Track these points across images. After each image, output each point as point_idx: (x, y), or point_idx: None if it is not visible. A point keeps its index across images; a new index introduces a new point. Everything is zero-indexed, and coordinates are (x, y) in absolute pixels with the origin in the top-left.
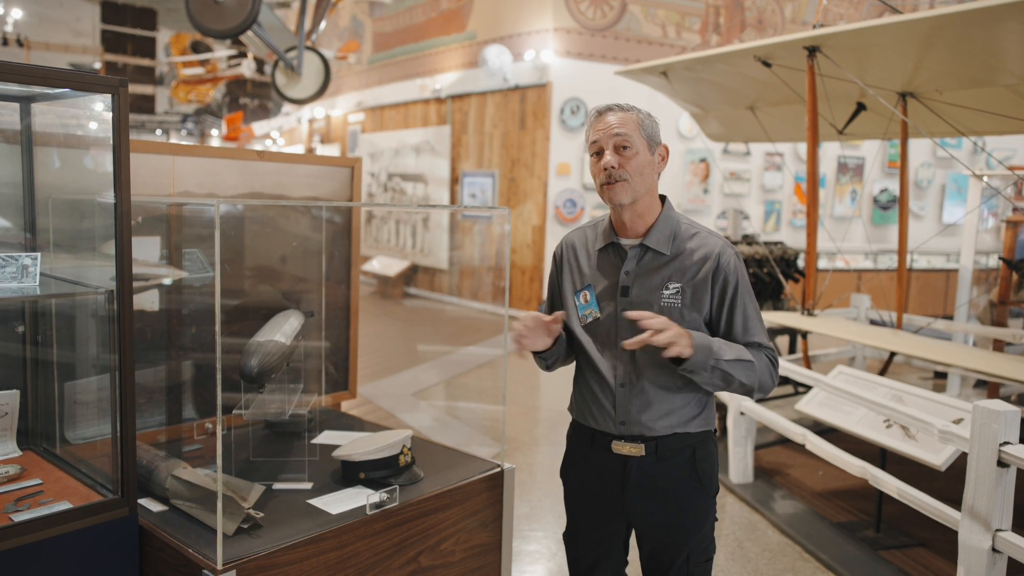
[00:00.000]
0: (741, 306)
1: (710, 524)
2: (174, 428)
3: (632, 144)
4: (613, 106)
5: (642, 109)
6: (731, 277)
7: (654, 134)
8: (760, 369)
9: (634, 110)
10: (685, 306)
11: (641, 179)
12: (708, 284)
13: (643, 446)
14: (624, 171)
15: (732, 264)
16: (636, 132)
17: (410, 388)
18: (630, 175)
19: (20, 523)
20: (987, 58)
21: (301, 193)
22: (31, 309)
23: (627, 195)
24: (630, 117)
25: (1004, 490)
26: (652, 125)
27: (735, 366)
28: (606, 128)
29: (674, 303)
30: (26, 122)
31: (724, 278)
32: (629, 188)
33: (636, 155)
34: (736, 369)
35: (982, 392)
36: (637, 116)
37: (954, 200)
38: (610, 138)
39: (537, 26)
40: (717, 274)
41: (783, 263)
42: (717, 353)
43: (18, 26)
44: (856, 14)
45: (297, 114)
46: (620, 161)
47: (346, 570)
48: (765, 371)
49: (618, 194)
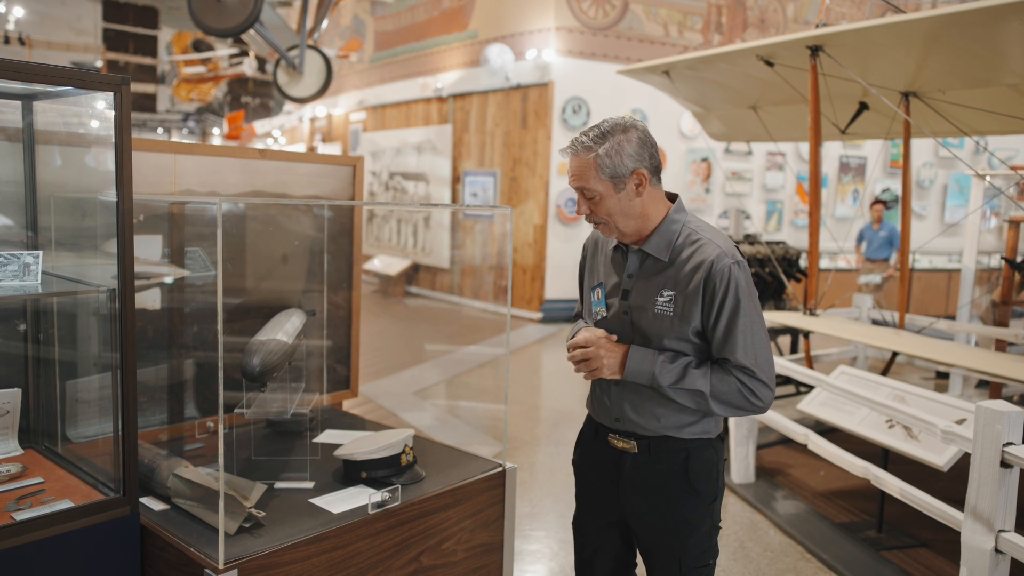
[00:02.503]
0: (726, 319)
1: (706, 530)
2: (176, 427)
3: (593, 192)
4: (572, 146)
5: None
6: (720, 287)
7: (617, 168)
8: (722, 393)
9: (592, 147)
10: (676, 315)
11: (620, 216)
12: (699, 294)
13: (635, 443)
14: (597, 216)
15: (725, 275)
16: (594, 177)
17: (412, 387)
18: (605, 218)
19: (21, 522)
20: (990, 57)
21: (303, 192)
22: (33, 307)
23: (612, 233)
24: (585, 161)
25: (1007, 491)
26: (614, 159)
27: (678, 392)
28: (569, 174)
29: (666, 311)
30: (28, 120)
31: (713, 288)
32: (610, 228)
33: (601, 200)
34: (679, 396)
35: (984, 393)
36: (593, 158)
37: (956, 200)
38: (575, 185)
39: (539, 25)
40: (707, 284)
41: (785, 263)
42: (657, 378)
43: (20, 24)
44: (859, 13)
45: (298, 113)
46: (590, 206)
47: (347, 569)
48: (734, 395)
49: (606, 233)
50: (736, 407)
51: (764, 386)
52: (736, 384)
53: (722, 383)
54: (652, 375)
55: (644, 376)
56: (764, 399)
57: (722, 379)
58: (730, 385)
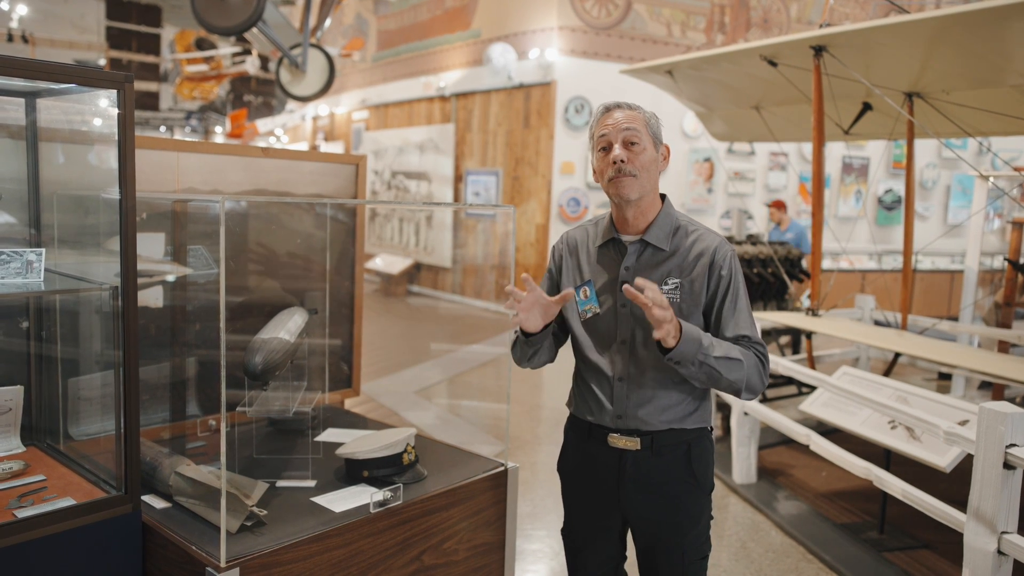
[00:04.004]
0: (732, 300)
1: (705, 522)
2: (178, 425)
3: (641, 140)
4: (621, 103)
5: (647, 109)
6: (726, 271)
7: (659, 133)
8: (748, 367)
9: (640, 109)
10: (684, 301)
11: (648, 176)
12: (705, 278)
13: (639, 440)
14: (633, 166)
15: (728, 259)
16: (644, 129)
17: (413, 386)
18: (638, 171)
19: (24, 519)
20: (994, 58)
21: (305, 190)
22: (35, 305)
23: (635, 191)
24: (637, 115)
25: (1010, 492)
26: (657, 124)
27: (723, 363)
28: (615, 123)
29: (673, 298)
30: (31, 118)
31: (719, 272)
32: (636, 184)
33: (644, 151)
34: (723, 366)
35: (986, 394)
36: (644, 115)
37: (959, 201)
38: (620, 132)
39: (542, 24)
40: (713, 268)
41: (787, 263)
42: (706, 349)
43: (23, 22)
44: (862, 14)
45: (301, 111)
46: (629, 156)
47: (349, 568)
48: (754, 370)
49: (626, 188)
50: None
51: (767, 365)
52: (755, 359)
53: (745, 356)
54: (700, 344)
55: (694, 344)
56: (766, 379)
57: (744, 352)
58: (751, 359)
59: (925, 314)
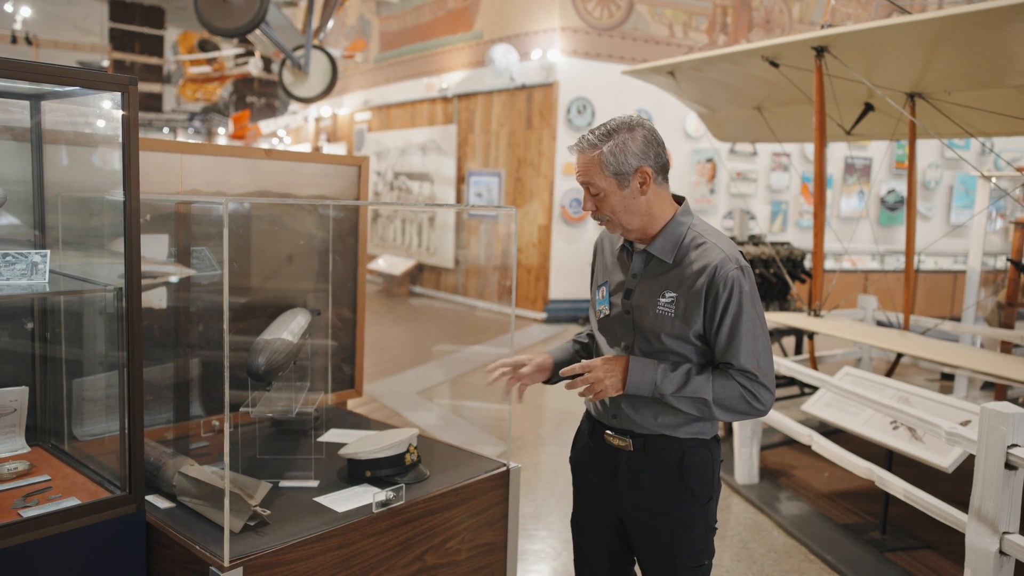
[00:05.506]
0: (732, 325)
1: (701, 531)
2: (181, 425)
3: (597, 188)
4: (578, 144)
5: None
6: (723, 292)
7: (621, 165)
8: (725, 399)
9: (598, 145)
10: (678, 316)
11: (624, 214)
12: (701, 297)
13: (631, 441)
14: (602, 213)
15: (729, 279)
16: (598, 174)
17: (416, 387)
18: (609, 215)
19: (28, 519)
20: (996, 59)
21: (308, 192)
22: (40, 306)
23: (616, 230)
24: (591, 158)
25: (1012, 492)
26: (618, 157)
27: (680, 400)
28: (576, 169)
29: (668, 312)
30: (36, 120)
31: (716, 293)
32: (615, 225)
33: (605, 197)
34: (682, 403)
35: (989, 394)
36: (598, 155)
37: (962, 201)
38: (580, 179)
39: (544, 25)
40: (711, 288)
41: (789, 263)
42: (660, 388)
43: (27, 24)
44: (864, 14)
45: (304, 113)
46: (595, 203)
47: (352, 568)
48: (736, 400)
49: (610, 230)
50: (738, 411)
51: (766, 389)
52: (739, 388)
53: (724, 388)
54: (654, 385)
55: (646, 388)
56: (765, 402)
57: (724, 384)
58: (732, 390)
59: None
